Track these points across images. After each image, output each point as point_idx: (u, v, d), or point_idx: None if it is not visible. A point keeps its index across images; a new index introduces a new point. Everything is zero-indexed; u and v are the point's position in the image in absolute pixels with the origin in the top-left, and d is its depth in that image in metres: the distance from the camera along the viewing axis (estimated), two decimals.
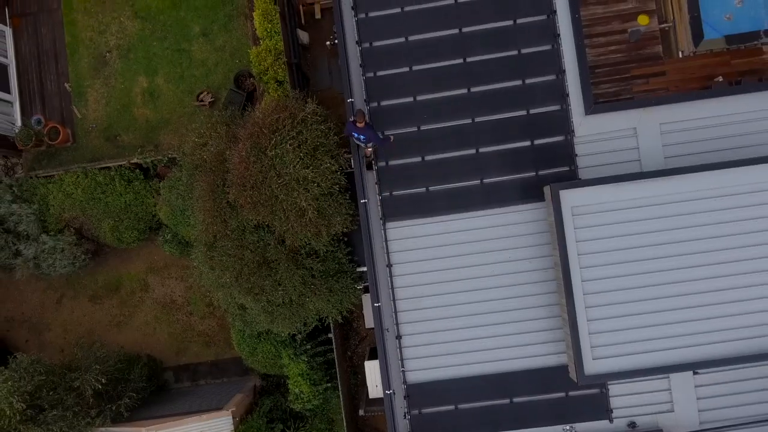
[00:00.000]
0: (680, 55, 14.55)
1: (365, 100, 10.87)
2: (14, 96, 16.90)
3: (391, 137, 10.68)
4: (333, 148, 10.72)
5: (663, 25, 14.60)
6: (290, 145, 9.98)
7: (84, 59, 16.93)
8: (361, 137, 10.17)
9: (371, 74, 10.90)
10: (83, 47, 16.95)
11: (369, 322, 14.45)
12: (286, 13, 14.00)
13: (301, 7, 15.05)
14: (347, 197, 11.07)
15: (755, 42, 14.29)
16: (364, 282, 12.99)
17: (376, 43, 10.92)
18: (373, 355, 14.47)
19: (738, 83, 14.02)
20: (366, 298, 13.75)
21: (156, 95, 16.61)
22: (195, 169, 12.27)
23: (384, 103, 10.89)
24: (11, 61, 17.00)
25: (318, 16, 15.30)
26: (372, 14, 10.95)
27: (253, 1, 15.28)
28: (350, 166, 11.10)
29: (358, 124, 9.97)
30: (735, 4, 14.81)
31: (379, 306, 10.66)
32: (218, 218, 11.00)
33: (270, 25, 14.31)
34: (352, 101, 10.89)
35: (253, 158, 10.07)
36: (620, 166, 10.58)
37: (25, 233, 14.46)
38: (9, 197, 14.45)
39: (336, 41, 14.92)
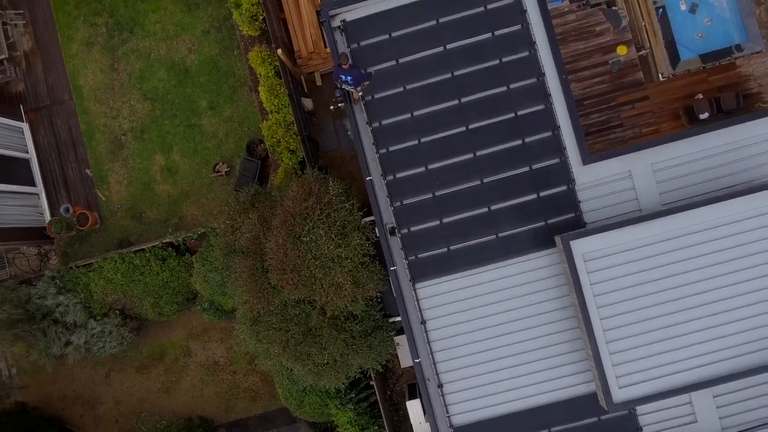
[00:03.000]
0: (661, 79, 15.60)
1: (382, 175, 11.87)
2: (39, 187, 17.87)
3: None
4: (359, 223, 11.73)
5: (641, 53, 15.65)
6: (322, 230, 11.00)
7: (101, 144, 17.89)
8: (349, 78, 11.28)
9: (384, 150, 11.89)
10: (99, 133, 17.91)
11: (404, 361, 15.49)
12: (291, 88, 14.94)
13: (302, 77, 16.00)
14: (377, 263, 12.09)
15: (728, 57, 15.35)
16: (396, 327, 14.07)
17: (385, 122, 11.91)
18: (412, 392, 15.55)
19: (717, 99, 15.09)
20: (399, 339, 14.72)
21: (174, 170, 17.57)
22: (229, 249, 13.25)
23: (399, 175, 11.89)
24: (32, 155, 17.95)
25: (319, 83, 16.27)
26: (377, 96, 11.94)
27: (256, 74, 16.29)
28: (376, 235, 12.11)
29: (343, 66, 11.20)
30: (704, 22, 15.88)
31: (419, 361, 11.68)
32: (261, 298, 12.00)
33: (277, 100, 15.29)
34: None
35: (290, 245, 11.08)
36: (620, 206, 11.60)
37: (73, 322, 15.44)
38: (53, 290, 15.43)
39: (339, 104, 16.01)
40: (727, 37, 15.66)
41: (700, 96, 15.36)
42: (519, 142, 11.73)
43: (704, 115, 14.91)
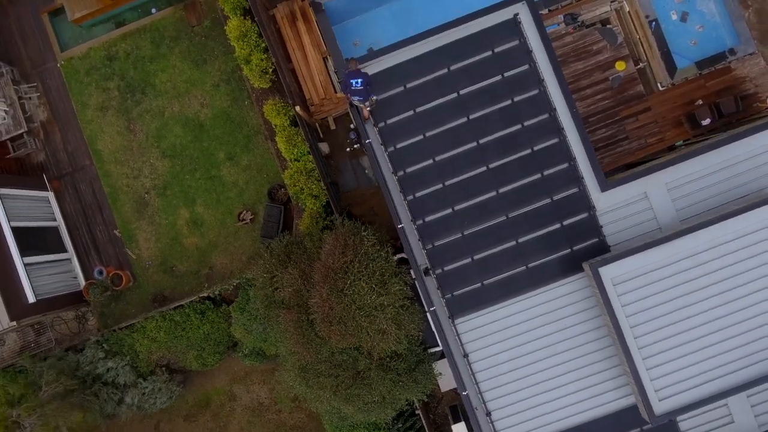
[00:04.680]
0: (660, 89, 16.20)
1: (411, 220, 12.46)
2: (71, 252, 18.40)
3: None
4: (395, 268, 12.32)
5: (639, 66, 16.25)
6: (363, 282, 11.59)
7: (126, 204, 18.43)
8: (359, 82, 11.81)
9: (411, 197, 12.49)
10: (122, 194, 18.46)
11: (444, 385, 16.10)
12: (311, 139, 15.49)
13: (316, 124, 16.58)
14: (416, 305, 12.70)
15: (723, 62, 15.94)
16: (436, 355, 14.69)
17: (409, 169, 12.51)
18: (455, 414, 16.14)
19: (717, 105, 15.70)
20: (440, 367, 15.27)
21: (199, 223, 18.13)
22: (269, 301, 13.81)
23: (428, 218, 12.49)
24: (60, 222, 18.48)
25: (333, 126, 16.84)
26: (399, 145, 12.53)
27: (270, 123, 16.85)
28: (413, 277, 12.71)
29: (352, 70, 11.80)
30: (696, 29, 16.49)
31: (466, 393, 12.28)
32: (310, 349, 12.59)
33: (295, 149, 15.85)
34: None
35: (334, 298, 11.68)
36: (640, 226, 12.22)
37: (123, 383, 16.03)
38: (102, 354, 16.01)
39: (355, 146, 16.64)
40: (720, 42, 16.27)
41: (700, 102, 15.97)
42: (538, 175, 12.33)
43: (706, 121, 15.52)
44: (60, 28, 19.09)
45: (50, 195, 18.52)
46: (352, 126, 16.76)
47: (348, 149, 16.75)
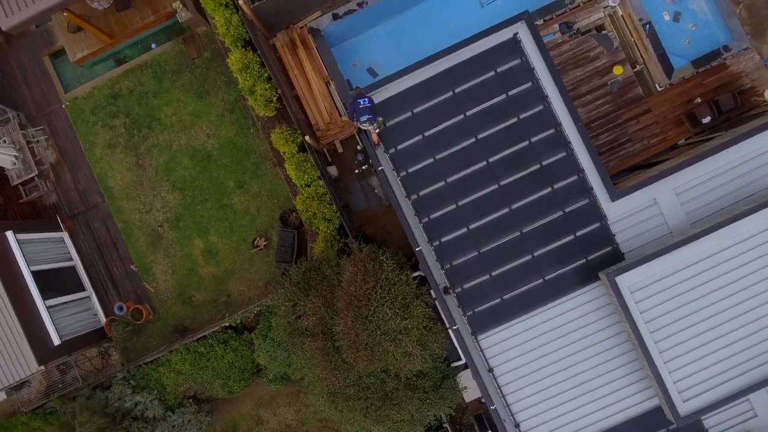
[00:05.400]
0: (658, 89, 16.46)
1: (428, 242, 12.72)
2: (89, 290, 18.65)
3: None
4: (416, 290, 12.59)
5: (636, 69, 16.51)
6: (387, 307, 11.86)
7: (140, 239, 18.68)
8: (366, 100, 12.12)
9: (426, 219, 12.75)
10: (136, 228, 18.70)
11: (468, 396, 16.38)
12: (320, 165, 15.74)
13: (324, 148, 16.83)
14: (438, 324, 12.96)
15: (718, 59, 16.21)
16: (459, 368, 14.96)
17: (422, 192, 12.76)
18: (480, 423, 16.44)
19: (716, 102, 15.96)
20: (464, 380, 15.57)
21: (214, 252, 18.39)
22: (292, 329, 14.08)
23: (444, 239, 12.74)
24: (77, 261, 18.73)
25: (340, 149, 17.08)
26: (411, 169, 12.78)
27: (277, 149, 17.08)
28: (434, 298, 12.97)
29: (357, 93, 12.16)
30: (690, 28, 16.77)
31: (494, 408, 12.55)
32: (338, 374, 12.86)
33: (305, 175, 16.09)
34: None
35: (359, 325, 11.94)
36: (652, 232, 12.48)
37: (153, 416, 16.29)
38: (129, 390, 16.26)
39: (363, 167, 16.89)
40: (714, 40, 16.56)
41: (699, 100, 16.23)
42: (549, 189, 12.59)
43: (706, 119, 15.79)
44: (62, 69, 19.33)
45: (65, 235, 18.77)
46: (359, 147, 17.02)
47: (356, 171, 17.00)
